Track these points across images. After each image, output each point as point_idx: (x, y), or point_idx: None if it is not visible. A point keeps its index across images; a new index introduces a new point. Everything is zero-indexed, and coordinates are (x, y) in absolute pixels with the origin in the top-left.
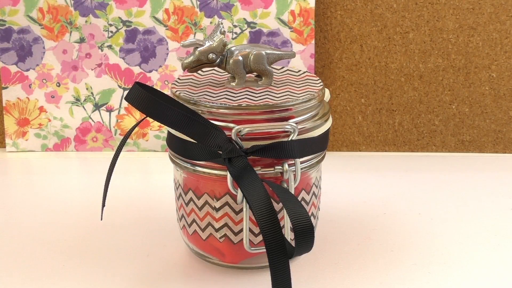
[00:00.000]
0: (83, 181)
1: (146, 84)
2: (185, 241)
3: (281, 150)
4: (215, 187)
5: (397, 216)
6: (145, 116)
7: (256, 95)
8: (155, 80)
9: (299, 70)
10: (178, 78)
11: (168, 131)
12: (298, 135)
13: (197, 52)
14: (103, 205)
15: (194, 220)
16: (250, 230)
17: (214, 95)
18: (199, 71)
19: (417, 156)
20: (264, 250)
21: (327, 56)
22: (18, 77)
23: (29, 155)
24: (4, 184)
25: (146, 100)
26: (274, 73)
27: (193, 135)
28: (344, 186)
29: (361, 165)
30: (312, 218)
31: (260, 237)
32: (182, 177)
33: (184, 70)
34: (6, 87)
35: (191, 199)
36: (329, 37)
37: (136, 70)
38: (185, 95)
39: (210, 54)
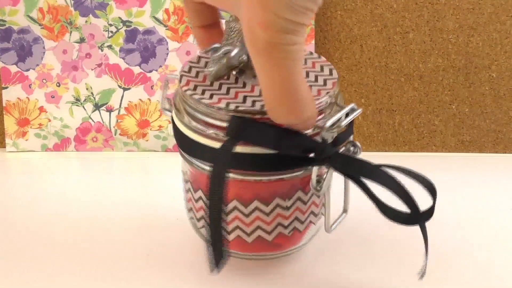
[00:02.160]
0: (83, 181)
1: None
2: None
3: (348, 132)
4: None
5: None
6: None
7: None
8: (155, 80)
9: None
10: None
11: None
12: None
13: (225, 59)
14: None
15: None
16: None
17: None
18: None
19: (417, 156)
20: None
21: (327, 56)
22: (18, 77)
23: (29, 155)
24: (4, 184)
25: (261, 133)
26: None
27: (286, 148)
28: (343, 186)
29: None
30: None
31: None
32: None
33: (212, 80)
34: (6, 87)
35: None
36: (329, 37)
37: (136, 70)
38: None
39: (244, 55)
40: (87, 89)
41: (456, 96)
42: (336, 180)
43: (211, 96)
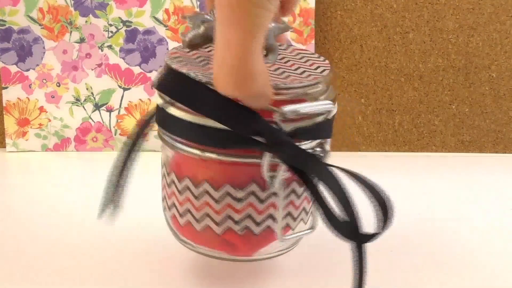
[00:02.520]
0: (83, 181)
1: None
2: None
3: (321, 131)
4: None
5: (397, 216)
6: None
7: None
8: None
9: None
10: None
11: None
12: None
13: (202, 28)
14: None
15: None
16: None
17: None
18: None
19: (417, 156)
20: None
21: (327, 56)
22: (18, 77)
23: (29, 155)
24: (4, 184)
25: (182, 84)
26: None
27: (230, 122)
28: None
29: (361, 165)
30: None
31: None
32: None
33: (186, 47)
34: (6, 87)
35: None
36: (329, 37)
37: (136, 70)
38: (200, 75)
39: None
40: (87, 89)
41: (456, 96)
42: None
43: (185, 65)
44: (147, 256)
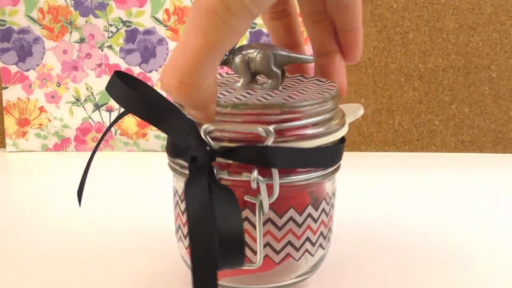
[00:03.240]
0: None
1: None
2: (183, 257)
3: (253, 155)
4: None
5: (397, 216)
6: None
7: (250, 96)
8: (155, 80)
9: (327, 81)
10: None
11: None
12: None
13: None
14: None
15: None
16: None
17: None
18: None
19: (417, 156)
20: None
21: None
22: (18, 77)
23: (29, 155)
24: (4, 184)
25: (124, 94)
26: (296, 81)
27: (166, 130)
28: (344, 186)
29: (361, 165)
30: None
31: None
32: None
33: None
34: (6, 87)
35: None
36: None
37: (136, 70)
38: None
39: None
40: (87, 89)
41: (456, 96)
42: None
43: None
44: (148, 256)
